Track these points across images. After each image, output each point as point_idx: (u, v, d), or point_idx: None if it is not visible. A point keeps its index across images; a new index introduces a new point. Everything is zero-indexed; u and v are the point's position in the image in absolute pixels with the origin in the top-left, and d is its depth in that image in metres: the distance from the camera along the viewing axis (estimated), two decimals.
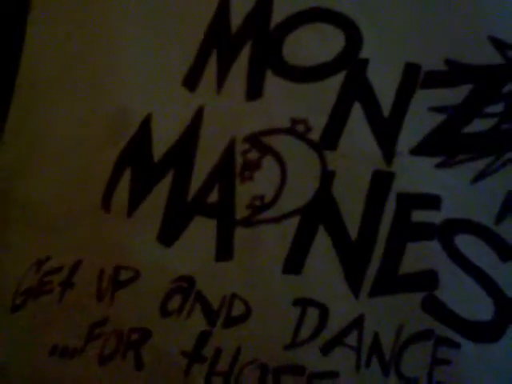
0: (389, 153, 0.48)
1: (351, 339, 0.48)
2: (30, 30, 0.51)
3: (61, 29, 0.51)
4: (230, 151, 0.48)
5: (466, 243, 0.48)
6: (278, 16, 0.48)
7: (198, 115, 0.49)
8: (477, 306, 0.48)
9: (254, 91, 0.48)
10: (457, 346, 0.48)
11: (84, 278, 0.49)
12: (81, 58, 0.50)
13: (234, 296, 0.48)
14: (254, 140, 0.48)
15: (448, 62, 0.48)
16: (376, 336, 0.48)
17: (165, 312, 0.48)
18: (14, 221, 0.50)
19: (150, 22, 0.49)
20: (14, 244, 0.50)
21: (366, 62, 0.48)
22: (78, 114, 0.49)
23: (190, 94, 0.49)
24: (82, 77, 0.50)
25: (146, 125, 0.48)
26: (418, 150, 0.48)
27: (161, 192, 0.48)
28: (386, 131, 0.48)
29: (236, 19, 0.48)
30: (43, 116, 0.50)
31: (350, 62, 0.48)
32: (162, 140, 0.49)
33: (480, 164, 0.48)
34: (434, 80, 0.48)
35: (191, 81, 0.49)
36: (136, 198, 0.48)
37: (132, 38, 0.49)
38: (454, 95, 0.48)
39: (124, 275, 0.48)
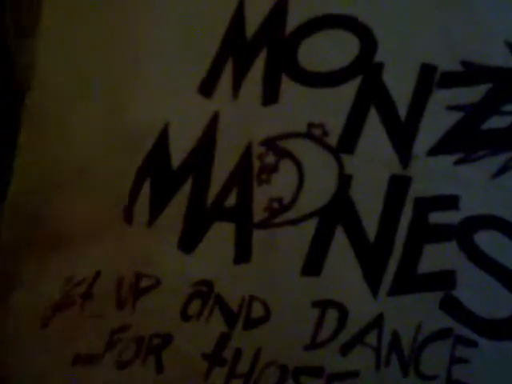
0: (405, 157, 0.48)
1: (371, 338, 0.48)
2: (40, 46, 0.51)
3: (73, 43, 0.50)
4: (247, 155, 0.48)
5: (488, 239, 0.48)
6: (292, 23, 0.48)
7: (214, 120, 0.49)
8: (495, 304, 0.48)
9: (270, 96, 0.48)
10: (474, 344, 0.48)
11: (102, 287, 0.49)
12: (95, 73, 0.49)
13: (252, 298, 0.49)
14: (271, 144, 0.48)
15: (464, 63, 0.47)
16: (395, 334, 0.48)
17: (185, 316, 0.49)
18: (37, 240, 0.50)
19: (165, 32, 0.49)
20: (40, 263, 0.50)
21: (381, 65, 0.48)
22: (95, 131, 0.49)
23: (206, 101, 0.49)
24: (101, 91, 0.49)
25: (164, 134, 0.49)
26: (436, 150, 0.48)
27: (181, 199, 0.49)
28: (402, 135, 0.48)
29: (251, 27, 0.48)
30: (58, 133, 0.50)
31: (366, 66, 0.48)
32: (180, 147, 0.49)
33: (500, 159, 0.48)
34: (451, 80, 0.48)
35: (207, 88, 0.49)
36: (156, 208, 0.49)
37: (146, 47, 0.49)
38: (472, 94, 0.48)
39: (145, 283, 0.49)
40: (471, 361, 0.48)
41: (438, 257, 0.48)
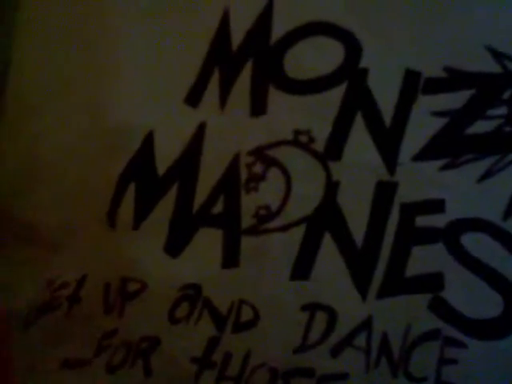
0: (391, 163, 0.48)
1: (360, 340, 0.49)
2: (17, 43, 0.50)
3: (55, 41, 0.49)
4: (234, 164, 0.48)
5: (474, 241, 0.48)
6: (277, 32, 0.48)
7: (201, 130, 0.48)
8: (484, 305, 0.48)
9: (259, 108, 0.48)
10: (463, 345, 0.48)
11: (90, 292, 0.49)
12: (78, 73, 0.49)
13: (241, 302, 0.49)
14: (259, 153, 0.48)
15: (447, 69, 0.47)
16: (385, 336, 0.48)
17: (173, 319, 0.49)
18: (16, 241, 0.50)
19: (151, 39, 0.48)
20: (20, 264, 0.50)
21: (365, 71, 0.48)
22: (76, 131, 0.49)
23: (193, 111, 0.48)
24: (81, 92, 0.49)
25: (148, 140, 0.48)
26: (422, 156, 0.48)
27: (166, 205, 0.48)
28: (387, 142, 0.48)
29: (236, 37, 0.48)
30: (38, 134, 0.49)
31: (351, 72, 0.48)
32: (165, 155, 0.48)
33: (485, 163, 0.48)
34: (435, 86, 0.48)
35: (193, 98, 0.48)
36: (141, 213, 0.49)
37: (133, 53, 0.49)
38: (456, 99, 0.48)
39: (131, 287, 0.49)
40: (460, 361, 0.48)
41: (425, 259, 0.48)
